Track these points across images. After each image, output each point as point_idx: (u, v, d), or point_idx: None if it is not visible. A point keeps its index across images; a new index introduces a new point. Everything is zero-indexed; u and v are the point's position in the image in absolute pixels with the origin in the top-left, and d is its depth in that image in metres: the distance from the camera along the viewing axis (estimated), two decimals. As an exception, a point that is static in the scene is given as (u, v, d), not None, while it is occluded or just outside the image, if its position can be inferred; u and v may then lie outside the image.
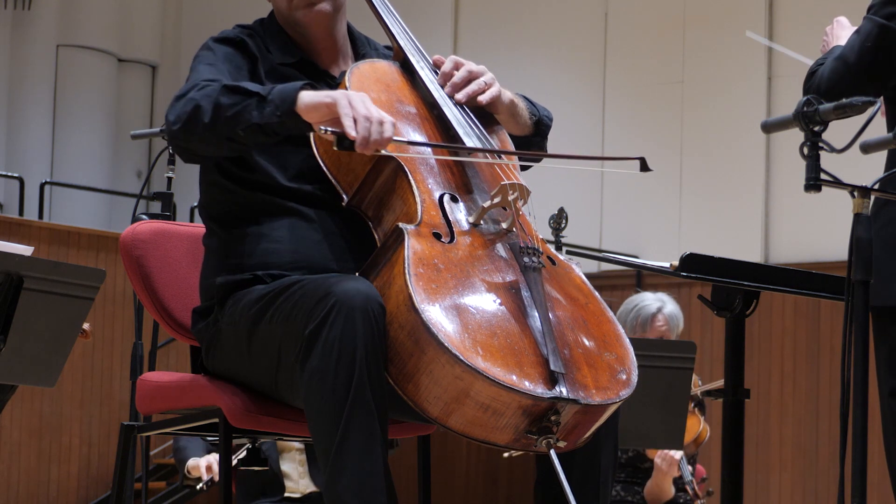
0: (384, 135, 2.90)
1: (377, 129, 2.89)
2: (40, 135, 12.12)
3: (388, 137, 2.91)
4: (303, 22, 3.26)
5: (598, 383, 2.87)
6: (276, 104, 2.95)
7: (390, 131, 2.91)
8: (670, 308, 6.13)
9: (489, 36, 11.02)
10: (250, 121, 2.95)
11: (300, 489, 6.14)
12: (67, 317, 4.06)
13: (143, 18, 12.82)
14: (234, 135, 2.98)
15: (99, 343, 9.06)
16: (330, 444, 2.80)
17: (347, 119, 2.88)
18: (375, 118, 2.89)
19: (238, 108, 2.96)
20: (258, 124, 2.95)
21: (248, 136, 2.98)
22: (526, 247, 3.01)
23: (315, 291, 2.87)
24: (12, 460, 8.77)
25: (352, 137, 2.87)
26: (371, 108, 2.91)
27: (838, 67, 3.52)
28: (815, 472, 9.11)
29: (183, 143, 3.05)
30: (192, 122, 2.99)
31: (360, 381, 2.79)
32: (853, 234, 2.90)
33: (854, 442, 2.84)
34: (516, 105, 3.33)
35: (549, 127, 3.41)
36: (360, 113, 2.89)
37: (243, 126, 2.96)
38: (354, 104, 2.90)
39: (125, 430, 3.41)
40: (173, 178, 5.74)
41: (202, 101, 2.99)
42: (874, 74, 3.51)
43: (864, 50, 3.50)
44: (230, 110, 2.97)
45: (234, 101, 2.97)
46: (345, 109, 2.89)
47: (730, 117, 10.07)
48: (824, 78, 3.53)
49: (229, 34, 3.26)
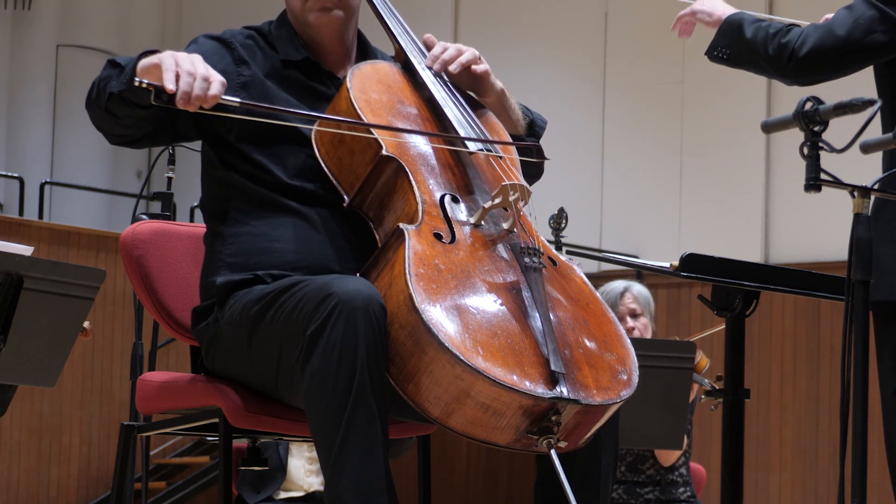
0: (209, 92, 2.87)
1: (201, 85, 2.86)
2: (40, 135, 12.13)
3: (215, 95, 2.88)
4: (314, 24, 3.26)
5: (599, 383, 2.87)
6: (125, 71, 3.02)
7: (217, 90, 2.88)
8: (637, 288, 6.39)
9: (489, 36, 11.02)
10: (110, 90, 3.04)
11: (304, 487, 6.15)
12: (67, 317, 4.06)
13: (143, 18, 12.83)
14: (108, 106, 3.07)
15: (99, 343, 9.06)
16: (331, 445, 2.79)
17: (168, 73, 2.87)
18: (200, 74, 2.88)
19: (106, 80, 3.06)
20: (115, 93, 3.03)
21: (116, 108, 3.06)
22: (527, 247, 3.01)
23: (316, 292, 2.87)
24: (12, 460, 8.78)
25: (169, 90, 2.86)
26: (198, 66, 2.90)
27: (824, 36, 3.51)
28: (815, 472, 9.11)
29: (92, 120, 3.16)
30: (88, 100, 3.12)
31: (361, 383, 2.78)
32: (853, 234, 2.90)
33: (854, 442, 2.84)
34: (507, 96, 3.34)
35: (542, 129, 3.41)
36: (183, 69, 2.88)
37: (106, 97, 3.05)
38: (180, 62, 2.90)
39: (125, 430, 3.41)
40: (173, 178, 5.75)
41: (95, 79, 3.11)
42: (857, 53, 3.51)
43: (856, 26, 3.49)
44: (102, 83, 3.07)
45: (105, 74, 3.08)
46: (167, 65, 2.89)
47: (730, 117, 10.07)
48: (807, 43, 3.52)
49: (224, 34, 3.28)
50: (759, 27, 3.61)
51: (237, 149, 3.20)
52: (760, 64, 3.62)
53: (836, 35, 3.50)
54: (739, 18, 3.66)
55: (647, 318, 6.27)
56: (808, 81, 3.62)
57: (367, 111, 3.10)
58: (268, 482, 6.13)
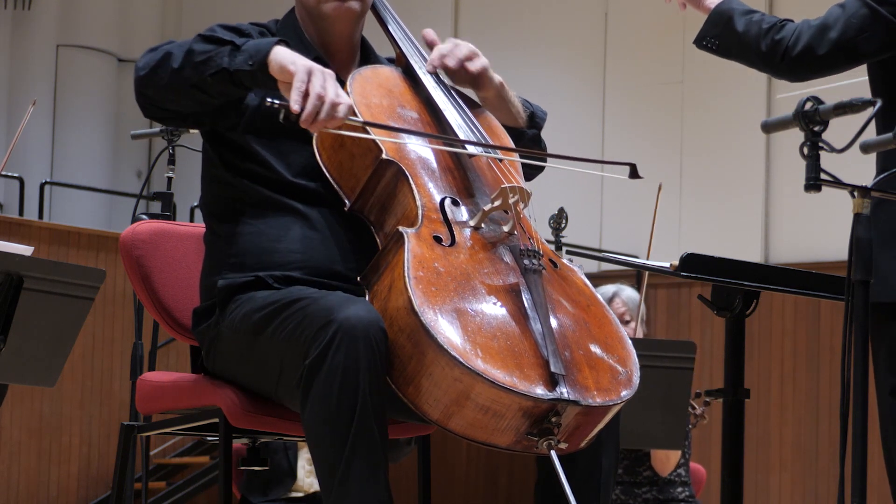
0: (336, 115, 2.87)
1: (329, 111, 2.86)
2: (40, 135, 12.12)
3: (340, 118, 2.88)
4: (331, 16, 3.24)
5: (600, 384, 2.86)
6: (249, 53, 2.95)
7: (343, 113, 2.88)
8: (628, 292, 6.43)
9: (489, 36, 11.02)
10: (220, 65, 2.96)
11: (304, 488, 6.15)
12: (67, 317, 4.06)
13: (143, 18, 12.83)
14: (201, 81, 2.99)
15: (99, 343, 9.06)
16: (333, 472, 2.78)
17: (296, 93, 2.85)
18: (329, 99, 2.86)
19: (210, 53, 2.98)
20: (227, 69, 2.96)
21: (215, 83, 2.98)
22: (527, 249, 3.01)
23: (317, 315, 2.84)
24: (12, 460, 8.77)
25: (294, 111, 2.85)
26: (329, 88, 2.87)
27: (817, 35, 3.51)
28: (815, 472, 9.11)
29: (146, 90, 3.07)
30: (159, 68, 3.02)
31: (363, 411, 2.77)
32: (853, 234, 2.90)
33: (854, 442, 2.84)
34: (506, 89, 3.33)
35: (543, 121, 3.41)
36: (314, 90, 2.85)
37: (213, 70, 2.97)
38: (313, 79, 2.86)
39: (125, 430, 3.41)
40: (173, 178, 5.75)
41: (174, 49, 3.03)
42: (850, 52, 3.51)
43: (849, 25, 3.49)
44: (201, 56, 2.99)
45: (206, 48, 3.00)
46: (299, 83, 2.86)
47: (730, 117, 10.07)
48: (800, 41, 3.51)
49: (238, 25, 3.24)
50: (751, 21, 3.60)
51: (239, 146, 3.19)
52: (751, 59, 3.61)
53: (829, 34, 3.50)
54: (729, 8, 3.65)
55: (635, 324, 6.26)
56: (800, 78, 3.62)
57: (368, 115, 3.09)
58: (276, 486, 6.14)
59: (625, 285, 6.54)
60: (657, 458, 6.08)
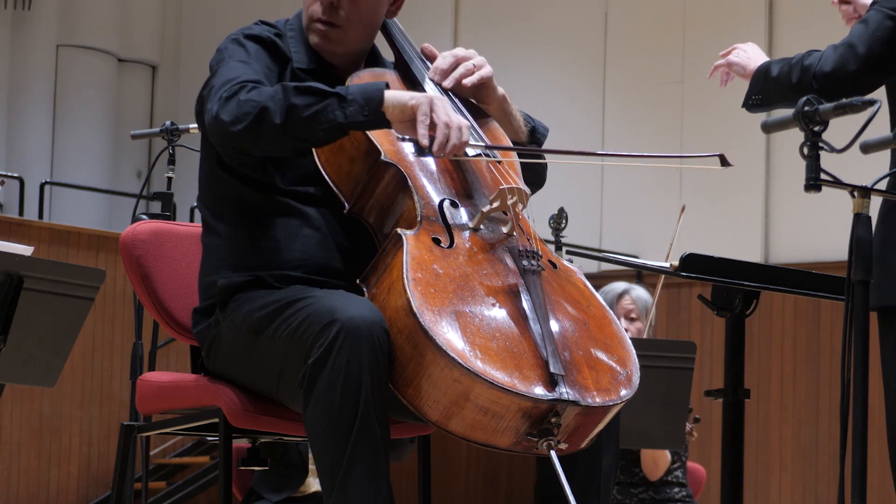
0: (462, 139, 2.93)
1: (456, 135, 2.92)
2: (40, 135, 12.13)
3: (465, 142, 2.95)
4: (313, 43, 3.25)
5: (599, 385, 2.86)
6: (359, 104, 2.94)
7: (467, 136, 2.95)
8: (638, 291, 6.39)
9: (489, 36, 11.02)
10: (334, 120, 2.94)
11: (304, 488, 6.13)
12: (67, 317, 4.06)
13: (143, 18, 12.83)
14: (310, 135, 2.96)
15: (99, 343, 9.06)
16: (335, 473, 2.79)
17: (422, 127, 2.91)
18: (455, 124, 2.92)
19: (316, 108, 2.94)
20: (341, 124, 2.95)
21: (328, 136, 2.98)
22: (526, 250, 3.01)
23: (320, 315, 2.85)
24: (12, 460, 8.77)
25: (424, 145, 2.91)
26: (451, 114, 2.93)
27: (845, 54, 3.51)
28: (815, 472, 9.11)
29: (241, 145, 3.01)
30: (258, 124, 2.96)
31: (365, 412, 2.78)
32: (853, 234, 2.90)
33: (854, 442, 2.83)
34: (509, 102, 3.32)
35: (544, 137, 3.40)
36: (440, 119, 2.91)
37: (325, 125, 2.94)
38: (436, 109, 2.92)
39: (125, 430, 3.41)
40: (173, 178, 5.74)
41: (267, 102, 2.95)
42: (881, 66, 3.51)
43: (875, 39, 3.49)
44: (306, 111, 2.94)
45: (308, 101, 2.95)
46: (423, 116, 2.91)
47: (730, 117, 10.06)
48: (829, 62, 3.51)
49: (259, 32, 3.22)
50: (783, 63, 3.62)
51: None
52: (789, 95, 3.59)
53: (857, 52, 3.50)
54: (767, 65, 3.67)
55: (641, 323, 6.24)
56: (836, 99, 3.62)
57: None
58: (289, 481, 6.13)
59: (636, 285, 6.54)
60: (645, 461, 6.07)
